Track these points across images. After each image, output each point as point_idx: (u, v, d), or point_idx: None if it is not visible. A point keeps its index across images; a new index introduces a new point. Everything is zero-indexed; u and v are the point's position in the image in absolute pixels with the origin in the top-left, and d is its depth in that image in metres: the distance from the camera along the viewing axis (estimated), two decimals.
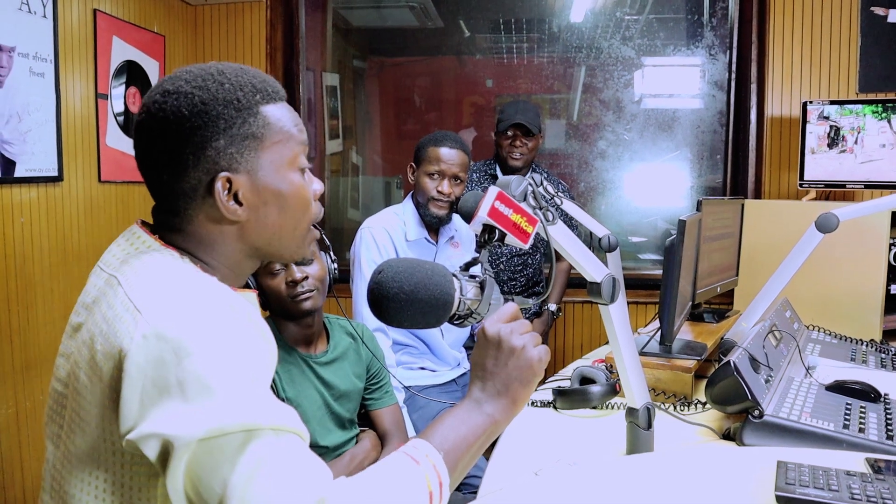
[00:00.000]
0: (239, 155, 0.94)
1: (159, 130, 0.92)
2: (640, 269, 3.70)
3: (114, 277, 0.91)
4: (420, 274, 1.04)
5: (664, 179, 3.71)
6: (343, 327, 1.97)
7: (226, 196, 0.94)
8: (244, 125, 0.94)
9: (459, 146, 2.41)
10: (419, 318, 1.04)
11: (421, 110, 4.10)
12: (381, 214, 2.51)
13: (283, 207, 0.98)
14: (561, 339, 3.54)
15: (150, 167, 0.95)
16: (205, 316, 0.82)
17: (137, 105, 3.01)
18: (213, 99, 0.93)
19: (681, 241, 1.81)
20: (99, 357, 0.84)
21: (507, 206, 1.15)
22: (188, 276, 0.89)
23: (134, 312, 0.83)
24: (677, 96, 3.68)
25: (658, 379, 1.87)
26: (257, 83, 0.97)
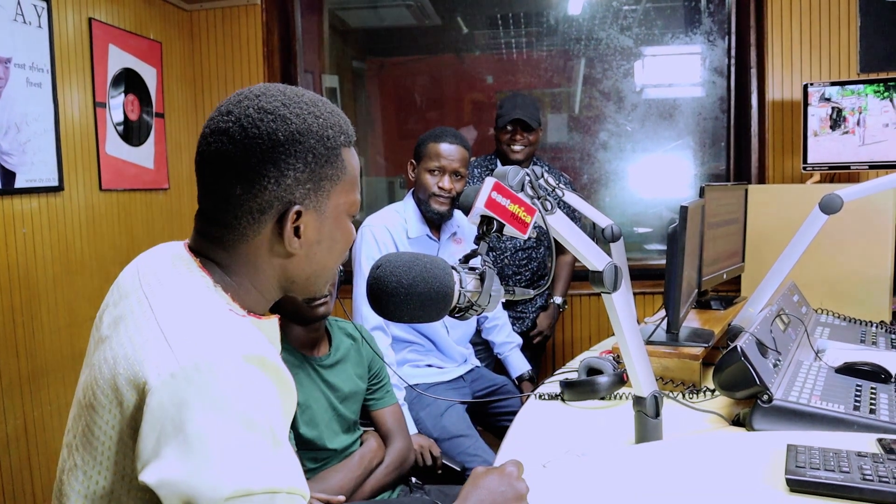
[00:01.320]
0: (314, 192, 0.94)
1: (249, 146, 0.91)
2: (646, 260, 3.69)
3: (146, 298, 0.90)
4: (418, 267, 1.04)
5: (668, 169, 3.69)
6: (342, 329, 1.97)
7: (290, 228, 0.94)
8: (327, 165, 0.95)
9: (459, 142, 2.41)
10: (419, 312, 1.04)
11: (422, 109, 4.10)
12: (382, 212, 2.50)
13: (332, 250, 0.99)
14: (568, 331, 3.53)
15: (223, 177, 0.93)
16: (236, 366, 0.81)
17: (136, 113, 3.02)
18: (308, 131, 0.93)
19: (683, 227, 1.80)
20: (121, 382, 0.83)
21: (504, 197, 1.15)
22: (219, 315, 0.88)
23: (164, 345, 0.82)
24: (678, 85, 3.67)
25: (666, 367, 1.86)
26: (343, 124, 0.98)
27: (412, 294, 1.02)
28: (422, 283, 1.03)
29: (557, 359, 3.45)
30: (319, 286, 1.02)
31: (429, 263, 1.05)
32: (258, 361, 0.83)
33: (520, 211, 1.16)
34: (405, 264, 1.04)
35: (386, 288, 1.03)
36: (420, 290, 1.03)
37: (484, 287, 1.09)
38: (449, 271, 1.06)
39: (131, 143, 2.99)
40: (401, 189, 4.11)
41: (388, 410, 1.99)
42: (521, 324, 3.01)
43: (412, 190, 2.51)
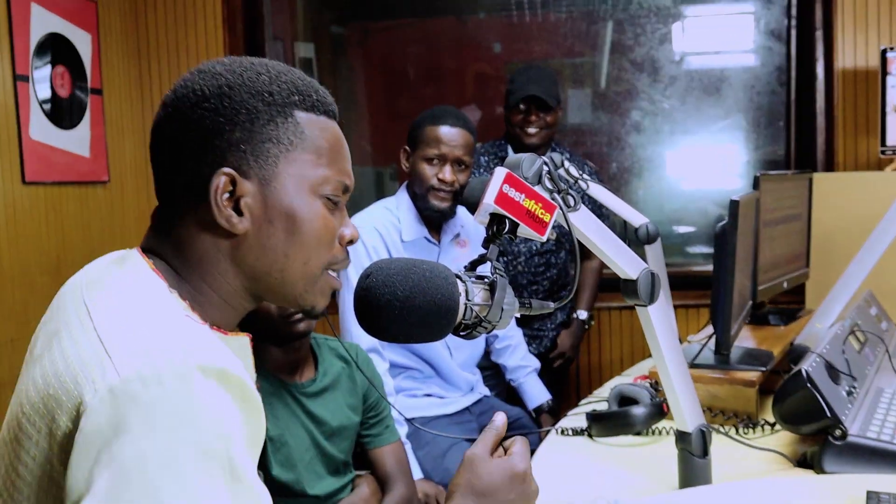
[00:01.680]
0: (254, 157, 0.95)
1: (177, 110, 0.96)
2: (689, 266, 3.69)
3: (85, 307, 0.90)
4: (416, 276, 1.04)
5: (714, 155, 3.70)
6: (333, 349, 1.96)
7: (225, 200, 0.94)
8: (270, 124, 0.95)
9: (462, 124, 2.41)
10: (418, 331, 1.05)
11: (416, 84, 4.10)
12: (370, 211, 2.51)
13: (292, 232, 0.98)
14: (595, 353, 3.53)
15: (157, 152, 0.98)
16: (190, 379, 0.80)
17: (67, 88, 3.02)
18: (241, 84, 0.95)
19: (734, 226, 1.81)
20: (52, 404, 0.83)
21: (517, 191, 1.15)
22: (172, 319, 0.88)
23: (103, 356, 0.82)
24: (726, 52, 3.67)
25: (714, 396, 1.86)
26: (301, 85, 0.99)
27: (409, 308, 1.03)
28: (420, 295, 1.03)
29: (583, 386, 3.45)
30: (297, 287, 1.00)
31: (428, 271, 1.06)
32: (218, 375, 0.82)
33: (537, 208, 1.17)
34: (400, 272, 1.05)
35: (377, 301, 1.03)
36: (418, 303, 1.03)
37: (495, 299, 1.09)
38: (453, 280, 1.06)
39: (61, 125, 2.99)
40: (391, 181, 4.11)
41: (388, 449, 1.99)
42: (538, 344, 3.01)
43: (406, 183, 2.51)
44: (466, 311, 1.07)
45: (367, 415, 1.98)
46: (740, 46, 3.65)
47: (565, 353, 3.05)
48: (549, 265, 2.97)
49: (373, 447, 1.98)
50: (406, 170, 2.47)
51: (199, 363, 0.81)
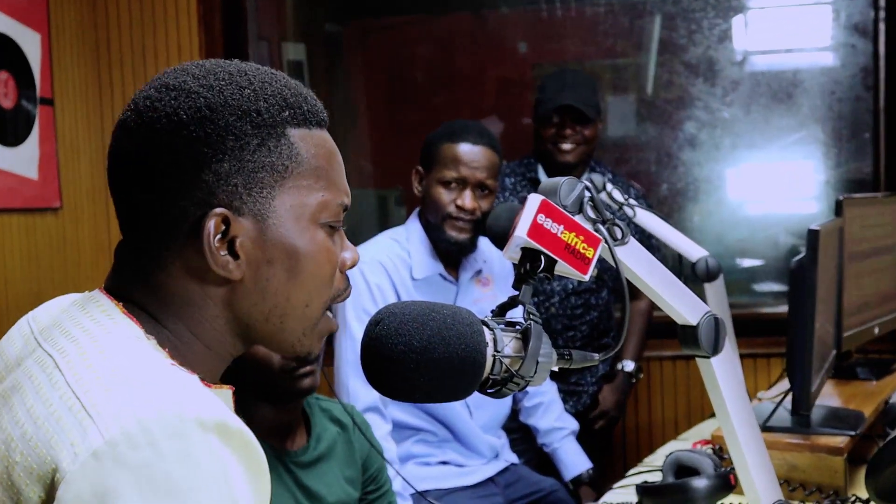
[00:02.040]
0: (246, 190, 0.96)
1: (144, 136, 0.96)
2: (756, 307, 3.68)
3: (50, 358, 0.92)
4: (435, 323, 1.05)
5: (785, 174, 3.70)
6: (326, 411, 1.97)
7: (217, 242, 0.96)
8: (261, 149, 0.97)
9: (486, 142, 2.44)
10: (438, 388, 1.05)
11: (425, 92, 4.14)
12: (375, 242, 2.52)
13: (294, 271, 1.00)
14: (644, 412, 3.52)
15: (124, 184, 0.98)
16: (187, 435, 0.82)
17: (12, 98, 3.06)
18: (223, 104, 0.96)
19: (813, 259, 1.81)
20: (17, 473, 0.85)
21: (555, 221, 1.16)
22: (158, 367, 0.89)
23: (81, 414, 0.83)
24: (799, 51, 3.69)
25: (793, 466, 1.86)
26: (290, 96, 1.00)
27: (427, 362, 1.03)
28: (441, 346, 1.04)
29: (630, 452, 3.43)
30: (296, 333, 1.03)
31: (449, 317, 1.06)
32: (218, 428, 0.84)
33: (578, 241, 1.17)
34: (416, 319, 1.05)
35: (389, 354, 1.04)
36: (438, 355, 1.04)
37: (529, 350, 1.10)
38: (478, 328, 1.07)
39: (4, 141, 3.02)
40: (396, 207, 4.13)
41: None
42: (576, 401, 3.01)
43: (418, 210, 2.53)
44: (495, 364, 1.08)
45: (366, 488, 1.98)
46: (816, 43, 3.67)
47: (608, 412, 3.05)
48: (589, 307, 2.97)
49: None
50: (419, 194, 2.49)
51: (196, 416, 0.83)
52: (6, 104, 3.04)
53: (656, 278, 1.31)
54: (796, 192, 3.73)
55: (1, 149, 2.99)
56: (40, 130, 3.18)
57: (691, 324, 1.32)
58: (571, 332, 2.95)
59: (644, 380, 3.47)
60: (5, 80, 3.03)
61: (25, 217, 3.11)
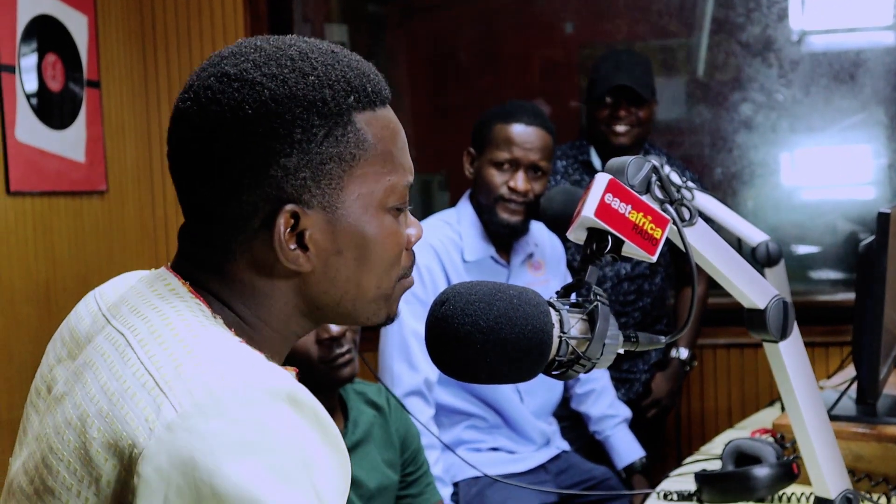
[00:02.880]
0: (315, 182, 0.96)
1: (209, 131, 0.95)
2: (814, 295, 3.64)
3: (121, 336, 0.94)
4: (502, 303, 1.06)
5: (845, 157, 3.66)
6: (361, 394, 1.99)
7: (287, 236, 0.96)
8: (329, 139, 0.96)
9: (540, 122, 2.44)
10: (503, 369, 1.06)
11: (469, 74, 4.13)
12: (426, 225, 2.53)
13: (364, 259, 1.01)
14: (697, 400, 3.50)
15: (188, 175, 0.99)
16: (258, 404, 0.84)
17: (59, 80, 3.10)
18: (289, 96, 0.95)
19: (883, 244, 1.79)
20: (95, 449, 0.87)
21: (623, 201, 1.16)
22: (228, 343, 0.91)
23: (155, 391, 0.86)
24: (861, 29, 3.65)
25: (859, 456, 1.84)
26: (353, 78, 0.99)
27: (494, 342, 1.04)
28: (507, 327, 1.04)
29: (683, 441, 3.42)
30: (369, 310, 1.05)
31: (516, 297, 1.07)
32: (289, 398, 0.86)
33: (646, 222, 1.17)
34: (483, 299, 1.06)
35: (456, 333, 1.04)
36: (505, 335, 1.04)
37: (596, 332, 1.10)
38: (545, 309, 1.08)
39: (52, 124, 3.06)
40: (440, 191, 4.13)
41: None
42: (627, 389, 3.00)
43: (470, 192, 2.53)
44: (561, 345, 1.08)
45: (405, 470, 2.00)
46: (880, 21, 3.62)
47: (661, 400, 3.04)
48: (642, 293, 2.96)
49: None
50: (470, 176, 2.50)
51: (267, 386, 0.85)
52: (54, 87, 3.07)
53: (724, 260, 1.30)
54: (856, 176, 3.68)
55: (48, 131, 3.03)
56: (87, 113, 3.21)
57: (759, 307, 1.31)
58: (624, 319, 2.94)
59: (698, 368, 3.45)
60: (53, 63, 3.06)
61: (72, 200, 3.15)
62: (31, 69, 2.97)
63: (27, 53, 2.96)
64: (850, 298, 2.83)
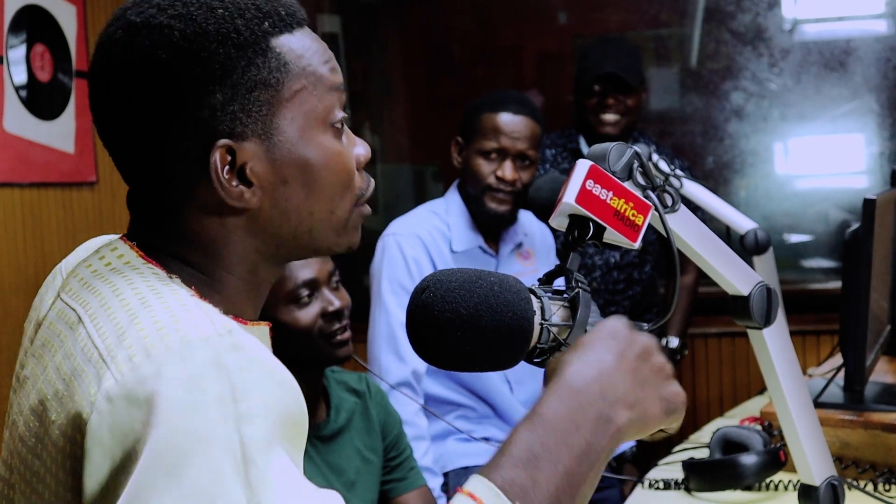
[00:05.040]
0: (245, 113, 0.94)
1: (127, 84, 0.93)
2: (805, 283, 3.65)
3: (73, 311, 0.92)
4: (482, 290, 1.05)
5: (837, 146, 3.66)
6: (342, 382, 2.00)
7: (227, 174, 0.94)
8: (250, 68, 0.94)
9: (527, 111, 2.43)
10: (484, 356, 1.05)
11: (463, 65, 4.13)
12: (414, 215, 2.53)
13: (311, 185, 0.99)
14: (689, 388, 3.50)
15: (118, 136, 0.96)
16: (194, 364, 0.81)
17: (48, 71, 3.09)
18: (200, 32, 0.92)
19: (868, 231, 1.79)
20: (54, 431, 0.86)
21: (604, 188, 1.15)
22: (178, 303, 0.89)
23: (98, 363, 0.84)
24: (851, 18, 3.64)
25: (845, 443, 1.84)
26: (263, 4, 0.97)
27: (474, 329, 1.03)
28: (488, 314, 1.04)
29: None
30: (330, 238, 1.03)
31: (497, 284, 1.06)
32: (232, 347, 0.83)
33: (627, 208, 1.16)
34: (463, 286, 1.05)
35: (436, 321, 1.04)
36: (485, 323, 1.04)
37: (577, 318, 1.09)
38: (526, 296, 1.07)
39: (41, 115, 3.05)
40: (433, 182, 4.13)
41: (413, 496, 2.01)
42: None
43: (458, 182, 2.53)
44: (542, 332, 1.08)
45: (387, 455, 2.00)
46: (870, 10, 3.62)
47: None
48: (632, 281, 2.96)
49: (396, 494, 2.00)
50: (458, 165, 2.49)
51: (202, 335, 0.83)
52: (42, 77, 3.07)
53: (707, 247, 1.29)
54: (848, 164, 3.69)
55: (37, 122, 3.03)
56: (76, 104, 3.20)
57: (743, 294, 1.31)
58: (613, 308, 2.94)
59: (689, 357, 3.46)
60: (41, 53, 3.06)
61: (62, 191, 3.14)
62: (19, 60, 2.96)
63: (15, 44, 2.95)
64: (841, 286, 2.84)
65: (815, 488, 1.41)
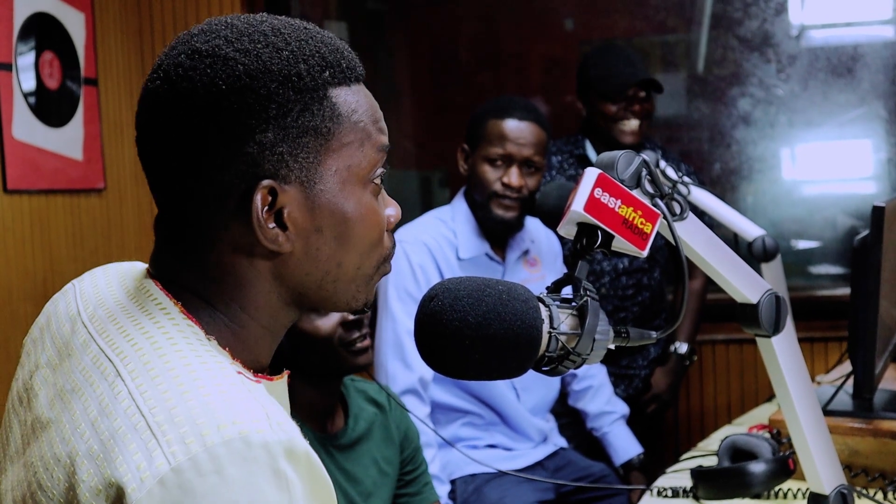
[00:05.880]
0: (292, 157, 0.95)
1: (181, 108, 0.94)
2: (813, 290, 3.64)
3: (109, 363, 0.92)
4: (490, 299, 1.05)
5: (844, 152, 3.66)
6: (361, 392, 2.00)
7: (265, 214, 0.94)
8: (305, 114, 0.95)
9: (533, 117, 2.43)
10: (492, 365, 1.05)
11: (469, 71, 4.13)
12: (420, 223, 2.53)
13: (344, 238, 0.99)
14: (696, 396, 3.50)
15: (161, 158, 0.97)
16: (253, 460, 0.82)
17: (57, 78, 3.10)
18: (264, 71, 0.93)
19: (878, 238, 1.78)
20: (83, 492, 0.85)
21: (612, 196, 1.16)
22: (226, 383, 0.88)
23: (146, 434, 0.84)
24: (859, 24, 3.64)
25: (854, 451, 1.84)
26: (328, 54, 0.98)
27: (482, 338, 1.03)
28: (496, 322, 1.04)
29: (682, 437, 3.42)
30: (349, 293, 1.03)
31: (505, 293, 1.06)
32: (287, 454, 0.84)
33: (636, 216, 1.17)
34: (471, 294, 1.05)
35: (444, 330, 1.04)
36: (493, 331, 1.04)
37: (586, 327, 1.10)
38: (534, 304, 1.07)
39: (50, 122, 3.06)
40: (440, 189, 4.13)
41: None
42: (627, 385, 3.00)
43: (464, 189, 2.53)
44: (551, 341, 1.08)
45: (403, 469, 2.00)
46: (878, 16, 3.61)
47: (661, 395, 3.03)
48: (641, 287, 2.95)
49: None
50: (464, 172, 2.49)
51: (263, 441, 0.83)
52: (51, 84, 3.07)
53: (716, 255, 1.30)
54: (856, 171, 3.68)
55: (46, 129, 3.03)
56: (85, 111, 3.21)
57: (751, 302, 1.31)
58: (623, 314, 2.94)
59: (697, 364, 3.45)
60: (50, 61, 3.06)
61: (70, 198, 3.15)
62: (28, 67, 2.97)
63: (24, 52, 2.96)
64: (849, 293, 2.84)
65: (824, 497, 1.41)
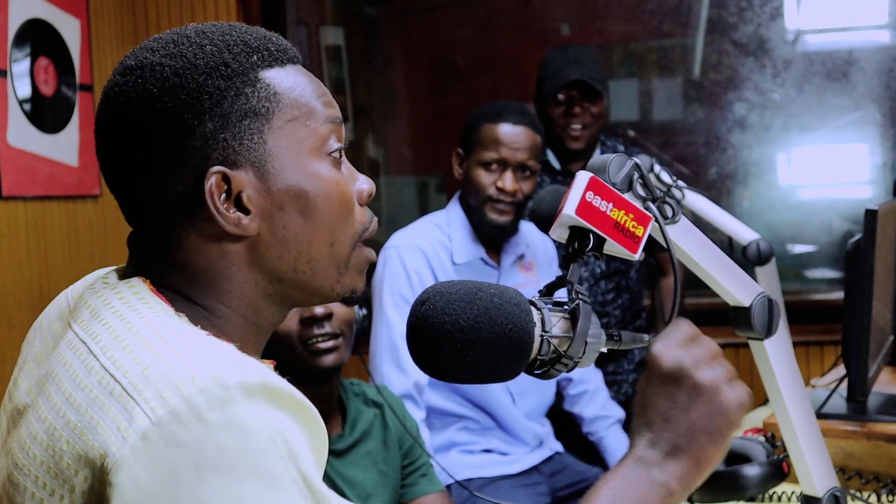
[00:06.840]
0: (237, 141, 0.97)
1: (123, 121, 0.97)
2: (809, 293, 3.64)
3: (82, 343, 0.93)
4: (482, 302, 1.05)
5: (840, 156, 3.66)
6: (359, 394, 1.99)
7: (223, 201, 0.97)
8: (239, 98, 0.97)
9: (527, 122, 2.43)
10: (484, 368, 1.05)
11: (466, 76, 4.13)
12: (415, 227, 2.53)
13: (309, 213, 1.01)
14: None
15: (118, 175, 1.00)
16: (233, 403, 0.83)
17: (52, 84, 3.10)
18: (190, 67, 0.96)
19: (871, 242, 1.79)
20: (66, 462, 0.86)
21: (604, 199, 1.16)
22: (194, 338, 0.90)
23: (124, 397, 0.84)
24: (854, 28, 3.64)
25: (848, 454, 1.84)
26: (253, 41, 1.01)
27: (474, 341, 1.03)
28: (487, 326, 1.04)
29: None
30: (331, 275, 1.04)
31: (496, 296, 1.06)
32: (265, 391, 0.85)
33: (628, 220, 1.17)
34: (463, 298, 1.05)
35: (435, 333, 1.04)
36: (485, 334, 1.04)
37: (577, 330, 1.09)
38: (526, 307, 1.07)
39: (45, 128, 3.06)
40: (437, 194, 4.13)
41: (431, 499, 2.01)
42: (616, 390, 2.99)
43: (459, 193, 2.53)
44: (543, 344, 1.08)
45: (404, 461, 2.00)
46: (873, 21, 3.62)
47: None
48: (620, 289, 2.95)
49: (411, 498, 2.00)
50: (459, 177, 2.49)
51: (239, 381, 0.84)
52: (46, 91, 3.08)
53: (708, 258, 1.30)
54: (851, 175, 3.69)
55: (41, 136, 3.04)
56: (80, 117, 3.22)
57: (744, 305, 1.31)
58: (605, 318, 2.92)
59: None
60: (45, 67, 3.07)
61: (66, 204, 3.15)
62: (23, 74, 2.98)
63: (19, 58, 2.96)
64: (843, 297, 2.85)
65: (817, 500, 1.41)
